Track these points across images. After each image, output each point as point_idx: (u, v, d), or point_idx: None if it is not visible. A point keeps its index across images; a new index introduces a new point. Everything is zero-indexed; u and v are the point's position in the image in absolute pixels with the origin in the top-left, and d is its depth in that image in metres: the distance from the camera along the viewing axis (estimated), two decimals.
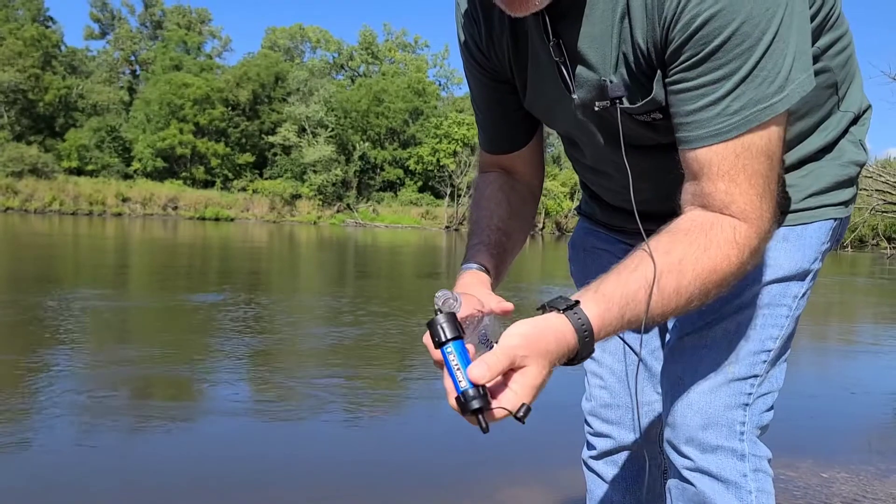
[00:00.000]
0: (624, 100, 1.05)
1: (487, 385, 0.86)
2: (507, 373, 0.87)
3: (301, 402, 3.85)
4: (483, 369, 0.84)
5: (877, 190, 25.29)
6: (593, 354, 1.48)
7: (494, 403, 0.86)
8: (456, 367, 0.88)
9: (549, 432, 3.43)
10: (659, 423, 1.27)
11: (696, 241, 0.96)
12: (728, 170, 0.95)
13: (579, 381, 1.54)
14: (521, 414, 0.86)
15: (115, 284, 9.22)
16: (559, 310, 0.92)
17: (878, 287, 14.93)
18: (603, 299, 0.94)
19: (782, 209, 1.09)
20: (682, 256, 0.95)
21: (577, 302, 0.93)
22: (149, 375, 4.26)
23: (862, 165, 1.23)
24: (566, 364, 0.94)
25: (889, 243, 31.32)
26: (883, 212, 27.40)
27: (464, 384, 0.86)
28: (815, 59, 1.09)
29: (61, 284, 8.79)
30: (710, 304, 1.18)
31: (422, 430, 3.49)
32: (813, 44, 1.07)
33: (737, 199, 0.95)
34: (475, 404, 0.85)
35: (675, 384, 1.20)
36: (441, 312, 0.96)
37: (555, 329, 0.90)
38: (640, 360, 1.44)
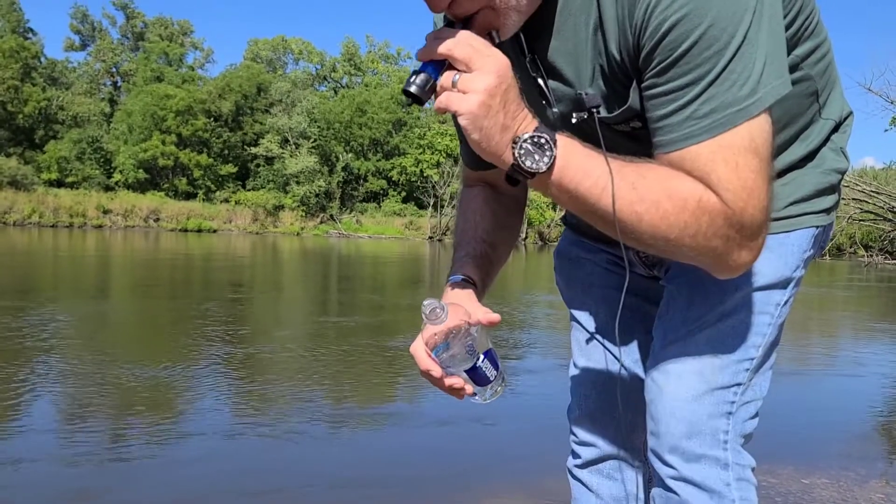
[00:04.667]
0: (601, 109, 1.06)
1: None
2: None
3: (281, 417, 3.82)
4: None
5: (853, 199, 25.66)
6: (577, 363, 1.50)
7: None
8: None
9: (534, 441, 3.44)
10: (643, 431, 1.28)
11: (664, 171, 0.94)
12: (702, 165, 0.92)
13: (564, 391, 1.55)
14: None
15: (91, 297, 9.12)
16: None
17: (856, 297, 15.09)
18: (578, 144, 0.97)
19: None
20: (651, 166, 0.95)
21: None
22: (127, 390, 4.22)
23: (843, 173, 1.24)
24: (514, 142, 0.92)
25: (866, 251, 31.72)
26: (860, 220, 27.78)
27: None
28: (795, 67, 1.10)
29: (37, 296, 8.69)
30: (693, 313, 1.21)
31: (404, 443, 3.48)
32: (792, 52, 1.08)
33: (713, 181, 0.92)
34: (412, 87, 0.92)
35: (658, 393, 1.21)
36: (427, 321, 0.97)
37: (525, 107, 0.94)
38: (622, 366, 1.45)
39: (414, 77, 0.92)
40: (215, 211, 46.69)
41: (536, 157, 0.92)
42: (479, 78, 0.89)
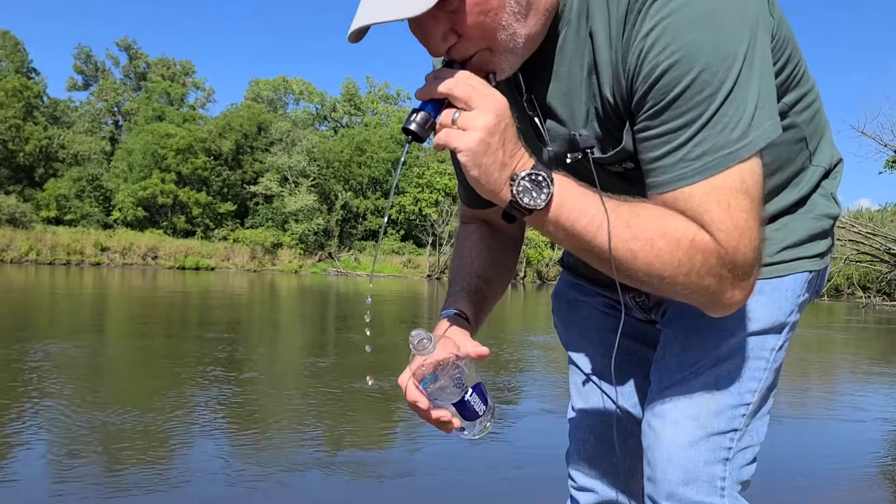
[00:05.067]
0: (595, 150, 1.08)
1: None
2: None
3: (274, 462, 3.77)
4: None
5: (850, 240, 25.75)
6: (575, 406, 1.49)
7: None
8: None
9: (533, 486, 3.39)
10: (641, 477, 1.27)
11: (658, 210, 0.96)
12: (695, 206, 0.94)
13: (562, 434, 1.54)
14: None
15: (84, 337, 9.07)
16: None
17: (855, 339, 15.04)
18: (574, 182, 0.98)
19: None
20: (645, 205, 0.97)
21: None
22: (116, 436, 4.17)
23: (835, 218, 1.26)
24: (512, 179, 0.94)
25: (864, 292, 31.72)
26: (857, 261, 27.84)
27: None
28: (783, 115, 1.11)
29: (33, 335, 8.64)
30: (689, 357, 1.21)
31: (400, 487, 3.43)
32: (780, 100, 1.10)
33: (706, 220, 0.94)
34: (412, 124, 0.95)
35: (655, 438, 1.20)
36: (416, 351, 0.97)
37: (521, 145, 0.97)
38: (618, 407, 1.44)
39: (414, 115, 0.95)
40: (213, 249, 46.71)
41: (534, 193, 0.93)
42: (479, 116, 0.91)
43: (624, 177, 1.09)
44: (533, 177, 0.93)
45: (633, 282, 0.98)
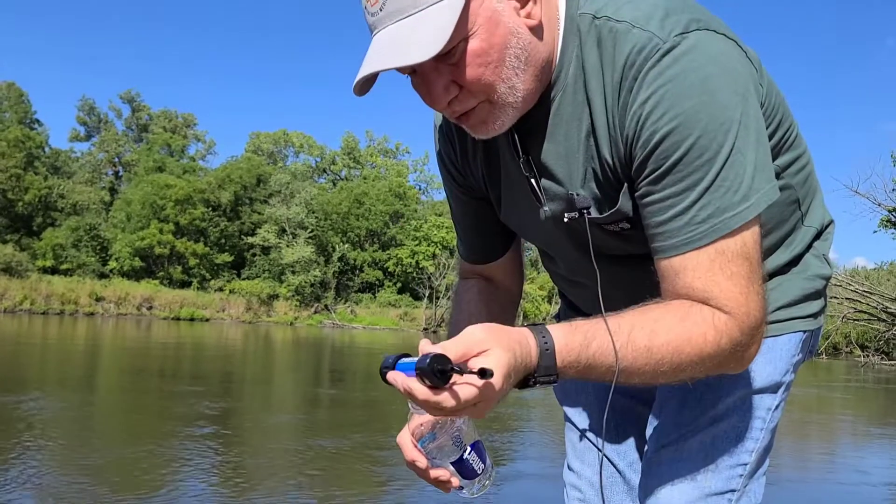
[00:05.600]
0: (592, 210, 1.10)
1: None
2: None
3: None
4: (437, 347, 0.87)
5: (847, 298, 25.77)
6: (571, 465, 1.45)
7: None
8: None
9: None
10: None
11: (674, 311, 0.98)
12: (704, 272, 0.97)
13: (558, 493, 1.51)
14: (483, 374, 0.85)
15: (73, 393, 8.95)
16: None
17: (854, 399, 14.92)
18: (569, 326, 0.98)
19: None
20: (657, 317, 0.98)
21: (543, 323, 0.98)
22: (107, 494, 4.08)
23: (827, 279, 1.27)
24: (523, 385, 0.94)
25: (862, 351, 31.60)
26: (854, 320, 27.80)
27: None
28: (777, 176, 1.12)
29: (19, 389, 8.52)
30: (685, 416, 1.20)
31: None
32: (773, 162, 1.11)
33: (716, 294, 0.97)
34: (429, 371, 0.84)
35: (652, 498, 1.19)
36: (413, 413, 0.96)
37: (518, 332, 0.93)
38: (611, 463, 1.43)
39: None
40: (209, 300, 46.53)
41: (544, 385, 0.97)
42: (495, 356, 0.89)
43: (621, 236, 1.11)
44: (539, 381, 0.95)
45: (675, 383, 1.02)
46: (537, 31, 1.02)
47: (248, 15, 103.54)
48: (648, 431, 1.27)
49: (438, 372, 0.84)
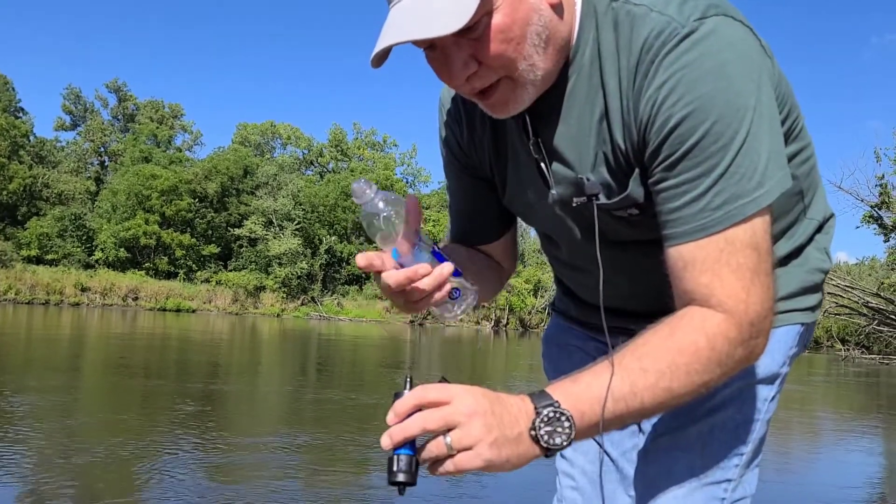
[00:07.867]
0: (601, 196, 1.09)
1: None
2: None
3: None
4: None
5: (829, 293, 25.99)
6: (564, 453, 1.46)
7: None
8: None
9: None
10: None
11: (660, 332, 0.97)
12: (711, 265, 0.96)
13: (550, 481, 1.54)
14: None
15: (54, 389, 8.93)
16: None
17: (835, 392, 15.09)
18: (569, 382, 0.95)
19: None
20: (643, 353, 0.96)
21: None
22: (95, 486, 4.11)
23: (826, 272, 1.27)
24: (535, 440, 0.91)
25: (843, 345, 31.92)
26: (836, 314, 28.07)
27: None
28: None
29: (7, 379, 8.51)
30: (683, 406, 1.15)
31: None
32: None
33: (716, 292, 0.96)
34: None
35: (648, 487, 1.19)
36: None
37: (509, 396, 0.92)
38: (605, 453, 1.44)
39: (395, 465, 0.87)
40: (195, 291, 46.25)
41: (559, 429, 0.92)
42: (471, 429, 0.87)
43: (628, 222, 1.11)
44: (544, 420, 0.91)
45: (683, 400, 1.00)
46: (558, 9, 1.01)
47: (236, 5, 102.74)
48: (644, 420, 1.26)
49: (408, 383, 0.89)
